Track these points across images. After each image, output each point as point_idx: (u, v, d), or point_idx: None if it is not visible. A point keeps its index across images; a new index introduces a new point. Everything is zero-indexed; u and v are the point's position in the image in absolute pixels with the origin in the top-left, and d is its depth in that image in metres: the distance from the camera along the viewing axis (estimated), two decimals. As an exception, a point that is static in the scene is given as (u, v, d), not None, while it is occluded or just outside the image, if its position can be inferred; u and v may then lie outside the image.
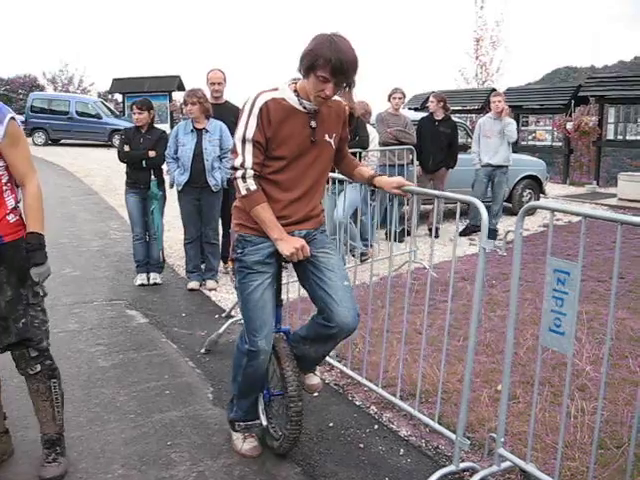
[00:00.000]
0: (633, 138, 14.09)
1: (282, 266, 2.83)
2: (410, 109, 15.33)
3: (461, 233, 8.01)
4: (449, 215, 8.93)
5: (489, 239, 2.58)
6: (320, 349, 2.82)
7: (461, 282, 5.69)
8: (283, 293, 3.00)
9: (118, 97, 27.26)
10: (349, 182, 3.73)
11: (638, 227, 2.26)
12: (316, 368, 3.06)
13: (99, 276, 6.16)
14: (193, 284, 5.74)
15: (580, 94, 14.47)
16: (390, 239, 4.57)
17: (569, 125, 14.25)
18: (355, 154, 5.28)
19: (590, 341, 4.18)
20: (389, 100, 7.80)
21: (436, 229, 6.12)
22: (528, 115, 16.08)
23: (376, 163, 6.50)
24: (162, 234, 5.87)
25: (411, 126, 7.76)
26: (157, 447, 2.98)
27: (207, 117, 5.49)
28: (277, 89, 2.58)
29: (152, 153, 5.58)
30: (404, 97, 8.01)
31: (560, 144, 15.34)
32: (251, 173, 2.54)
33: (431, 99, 8.11)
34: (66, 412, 2.90)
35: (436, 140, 7.80)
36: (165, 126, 18.86)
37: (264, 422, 2.93)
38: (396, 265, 5.86)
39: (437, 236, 7.34)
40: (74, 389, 3.56)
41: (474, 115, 17.42)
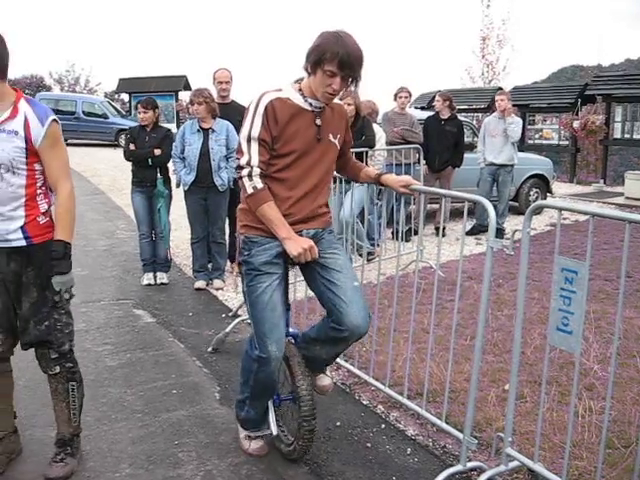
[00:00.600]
0: (640, 137, 14.00)
1: (288, 268, 2.76)
2: (416, 108, 15.30)
3: (468, 232, 7.99)
4: (455, 214, 8.92)
5: (496, 238, 2.58)
6: (331, 351, 2.78)
7: (468, 281, 5.68)
8: (290, 292, 2.98)
9: (125, 97, 27.31)
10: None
11: (646, 226, 2.25)
12: (326, 368, 3.03)
13: (106, 275, 6.18)
14: (200, 283, 5.75)
15: (587, 93, 14.40)
16: (400, 238, 4.55)
17: (576, 124, 14.19)
18: (362, 153, 5.28)
19: (598, 340, 4.17)
20: (395, 99, 7.80)
21: (443, 228, 6.12)
22: (535, 114, 15.99)
23: (382, 162, 6.49)
24: (169, 233, 5.88)
25: (417, 125, 7.74)
26: (164, 446, 2.99)
27: (214, 117, 5.50)
28: (281, 89, 2.58)
29: (157, 151, 5.59)
30: (410, 96, 8.02)
31: (567, 143, 15.27)
32: (257, 171, 2.52)
33: (437, 98, 8.09)
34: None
35: (442, 139, 7.77)
36: (171, 126, 18.83)
37: (274, 431, 2.85)
38: (403, 264, 5.85)
39: (444, 235, 7.33)
40: (82, 388, 3.58)
41: (480, 114, 17.36)
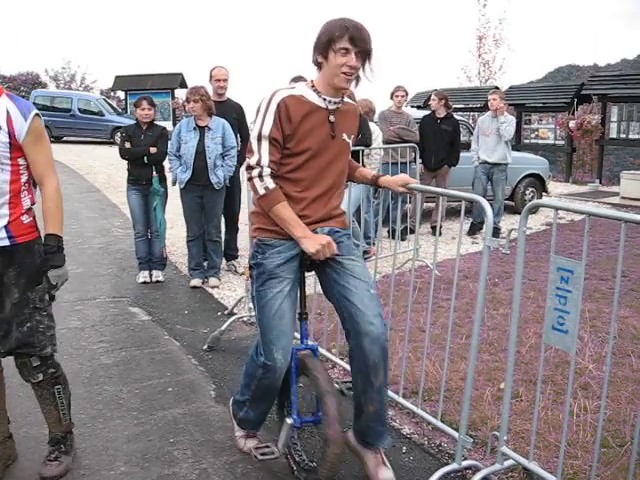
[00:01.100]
0: (636, 137, 14.02)
1: (305, 274, 2.64)
2: (412, 107, 15.32)
3: (469, 232, 8.00)
4: (451, 213, 8.92)
5: (492, 237, 2.58)
6: (362, 376, 2.52)
7: (464, 280, 5.69)
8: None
9: (120, 94, 27.24)
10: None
11: (642, 225, 2.25)
12: (384, 446, 2.66)
13: (102, 273, 6.17)
14: (195, 281, 5.74)
15: (583, 92, 14.43)
16: (395, 237, 4.56)
17: (572, 123, 14.21)
18: (358, 152, 5.28)
19: (593, 339, 4.18)
20: (392, 98, 7.80)
21: (439, 227, 6.12)
22: (531, 113, 16.02)
23: (379, 161, 6.49)
24: (164, 231, 5.87)
25: (414, 124, 7.75)
26: (160, 444, 2.99)
27: (210, 115, 5.49)
28: (294, 87, 2.53)
29: (153, 149, 5.58)
30: (407, 95, 8.02)
31: (563, 142, 15.29)
32: (268, 171, 2.44)
33: (433, 97, 8.10)
34: (69, 409, 2.91)
35: (438, 138, 7.78)
36: (167, 124, 18.84)
37: (277, 452, 2.65)
38: (399, 263, 5.85)
39: (440, 234, 7.33)
40: (76, 386, 3.55)
41: (476, 113, 17.37)
